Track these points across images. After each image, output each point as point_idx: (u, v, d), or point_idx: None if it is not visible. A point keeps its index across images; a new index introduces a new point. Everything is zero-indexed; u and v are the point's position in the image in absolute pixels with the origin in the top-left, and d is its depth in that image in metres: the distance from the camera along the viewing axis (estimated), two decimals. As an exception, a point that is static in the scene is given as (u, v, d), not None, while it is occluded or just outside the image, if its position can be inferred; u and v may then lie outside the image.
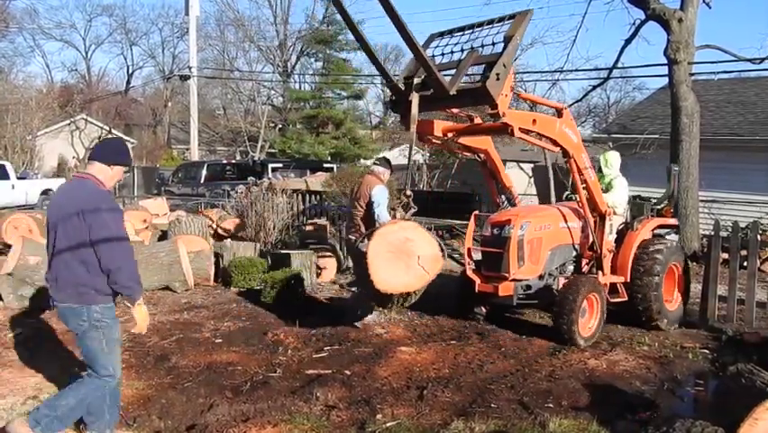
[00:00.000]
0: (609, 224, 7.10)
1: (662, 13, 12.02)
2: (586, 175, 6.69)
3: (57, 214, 3.83)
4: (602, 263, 6.98)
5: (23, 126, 27.31)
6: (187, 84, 28.10)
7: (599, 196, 6.95)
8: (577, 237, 7.04)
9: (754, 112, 16.31)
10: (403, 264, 5.18)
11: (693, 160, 11.91)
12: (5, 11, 32.83)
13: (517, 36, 5.32)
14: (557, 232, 6.88)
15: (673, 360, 6.13)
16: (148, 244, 9.28)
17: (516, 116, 5.84)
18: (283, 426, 4.49)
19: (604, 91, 40.90)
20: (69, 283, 3.80)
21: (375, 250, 5.13)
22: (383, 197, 6.83)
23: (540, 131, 6.17)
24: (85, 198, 3.78)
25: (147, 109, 47.76)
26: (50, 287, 3.89)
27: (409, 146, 5.85)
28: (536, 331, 6.99)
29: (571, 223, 6.99)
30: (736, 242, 7.38)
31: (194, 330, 6.79)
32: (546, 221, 6.84)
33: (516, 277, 6.53)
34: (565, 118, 6.40)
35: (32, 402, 4.69)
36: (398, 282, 5.19)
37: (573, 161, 6.52)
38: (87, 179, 3.89)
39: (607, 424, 4.52)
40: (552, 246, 6.81)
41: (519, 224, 6.56)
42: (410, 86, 5.53)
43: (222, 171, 22.25)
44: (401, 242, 5.20)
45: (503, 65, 5.23)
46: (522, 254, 6.52)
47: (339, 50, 31.61)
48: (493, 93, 5.23)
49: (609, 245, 7.16)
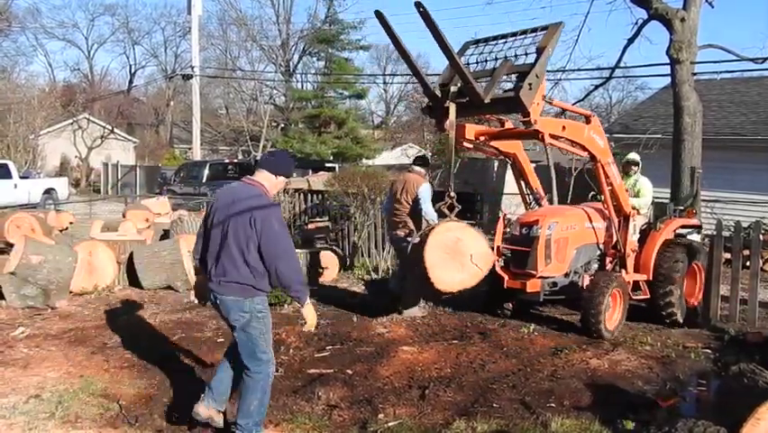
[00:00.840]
0: (633, 224, 7.37)
1: (665, 13, 11.99)
2: (612, 178, 6.98)
3: (226, 213, 4.08)
4: (626, 262, 7.27)
5: (26, 126, 27.34)
6: (190, 83, 28.11)
7: (624, 198, 7.23)
8: (601, 237, 7.29)
9: (756, 112, 16.28)
10: (458, 263, 5.62)
11: (696, 160, 11.88)
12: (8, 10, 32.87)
13: (549, 47, 5.56)
14: (583, 232, 7.15)
15: (676, 360, 6.12)
16: (150, 244, 9.29)
17: (546, 124, 6.13)
18: (285, 425, 4.50)
19: (606, 91, 40.95)
20: (234, 280, 4.04)
21: (431, 252, 5.53)
22: (428, 193, 7.25)
23: (569, 137, 6.48)
24: (257, 205, 4.04)
25: (149, 108, 47.78)
26: (213, 281, 4.11)
27: (450, 151, 6.04)
28: (538, 331, 7.00)
29: (596, 223, 7.25)
30: (738, 241, 7.37)
31: (196, 329, 6.79)
32: (572, 221, 7.09)
33: (542, 274, 6.77)
34: (593, 125, 6.72)
35: (34, 401, 4.70)
36: (456, 281, 5.66)
37: (600, 165, 6.83)
38: (256, 185, 4.17)
39: (609, 424, 4.52)
40: (577, 245, 7.07)
41: (547, 224, 6.81)
42: (446, 93, 5.82)
43: (224, 171, 22.25)
44: (453, 242, 5.62)
45: (536, 75, 5.50)
46: (549, 253, 6.77)
47: (341, 49, 31.58)
48: (526, 102, 5.51)
49: (633, 245, 7.42)
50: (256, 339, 4.12)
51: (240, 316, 4.08)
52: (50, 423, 4.40)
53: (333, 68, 31.04)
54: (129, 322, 7.02)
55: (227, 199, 4.16)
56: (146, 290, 8.44)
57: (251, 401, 4.11)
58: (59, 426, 4.37)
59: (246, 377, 4.14)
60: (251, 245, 3.98)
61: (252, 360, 4.12)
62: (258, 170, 4.24)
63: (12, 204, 18.79)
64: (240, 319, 4.09)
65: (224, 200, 4.18)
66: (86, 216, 16.26)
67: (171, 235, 9.74)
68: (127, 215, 10.76)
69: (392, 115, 50.01)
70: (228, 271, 4.04)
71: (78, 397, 4.83)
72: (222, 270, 4.06)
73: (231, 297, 4.07)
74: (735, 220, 8.13)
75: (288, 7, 34.57)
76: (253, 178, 4.21)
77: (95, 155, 34.61)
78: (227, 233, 4.03)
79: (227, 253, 4.03)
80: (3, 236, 8.78)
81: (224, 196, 4.24)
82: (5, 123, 26.33)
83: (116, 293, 8.28)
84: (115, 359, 5.77)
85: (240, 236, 3.99)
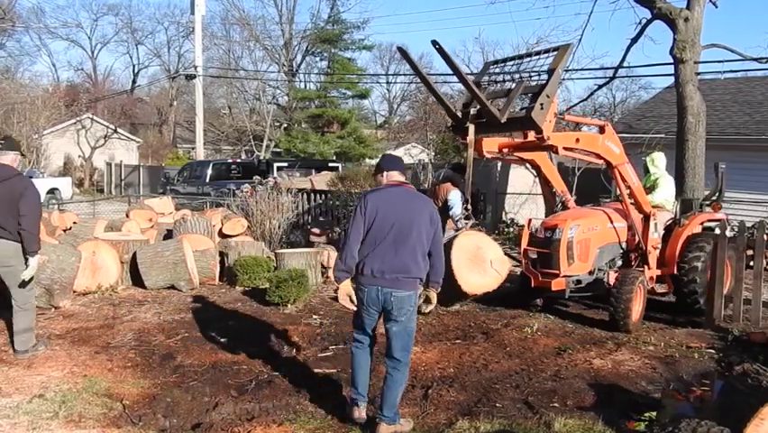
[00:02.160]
0: (654, 222, 7.74)
1: (669, 13, 11.96)
2: (629, 182, 7.40)
3: (401, 215, 4.33)
4: (647, 258, 7.68)
5: (30, 125, 27.40)
6: (193, 83, 28.11)
7: (643, 198, 7.63)
8: (623, 236, 7.70)
9: (760, 111, 16.23)
10: (481, 269, 6.20)
11: (699, 159, 11.85)
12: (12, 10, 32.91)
13: (559, 69, 6.08)
14: (604, 232, 7.55)
15: (679, 360, 6.11)
16: (153, 243, 9.30)
17: (559, 138, 6.62)
18: (288, 425, 4.50)
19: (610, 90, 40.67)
20: (414, 276, 4.35)
21: (457, 259, 6.01)
22: (458, 199, 7.84)
23: (584, 147, 7.05)
24: (430, 206, 4.53)
25: (152, 108, 47.84)
26: (386, 278, 4.30)
27: (468, 167, 6.45)
28: (541, 331, 7.00)
29: (617, 223, 7.65)
30: (742, 241, 7.36)
31: (199, 329, 6.80)
32: (594, 223, 7.49)
33: (566, 274, 7.18)
34: (607, 134, 7.12)
35: (37, 401, 4.71)
36: (479, 284, 6.23)
37: (617, 170, 7.24)
38: (411, 188, 4.60)
39: (612, 424, 4.51)
40: (600, 245, 7.47)
41: (569, 227, 7.20)
42: (467, 115, 6.40)
43: (227, 170, 22.27)
44: (474, 249, 6.18)
45: (546, 95, 5.99)
46: (572, 254, 7.18)
47: (344, 49, 31.63)
48: (537, 121, 6.00)
49: (655, 242, 7.82)
50: (411, 331, 4.47)
51: (409, 309, 4.35)
52: (54, 423, 4.41)
53: (335, 67, 31.08)
54: (132, 322, 7.03)
55: (398, 200, 4.39)
56: (149, 290, 8.45)
57: (398, 393, 4.40)
58: (63, 425, 4.38)
59: (395, 370, 4.39)
60: (427, 243, 4.36)
61: (405, 352, 4.42)
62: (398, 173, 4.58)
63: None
64: (408, 313, 4.36)
65: (393, 201, 4.39)
66: (90, 215, 16.27)
67: (174, 235, 9.75)
68: (130, 214, 10.76)
69: (395, 114, 49.99)
70: (409, 267, 4.30)
71: (82, 396, 4.84)
72: (401, 266, 4.29)
73: (407, 292, 4.32)
74: (738, 220, 8.11)
75: (291, 7, 34.60)
76: (398, 180, 4.53)
77: (98, 155, 34.69)
78: (410, 232, 4.30)
79: (408, 251, 4.30)
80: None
81: (392, 197, 4.43)
82: (9, 123, 26.38)
83: (120, 293, 8.29)
84: (119, 359, 5.78)
85: (422, 235, 4.33)
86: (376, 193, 4.49)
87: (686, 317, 7.61)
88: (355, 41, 31.71)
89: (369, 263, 4.32)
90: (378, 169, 4.67)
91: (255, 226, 11.15)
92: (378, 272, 4.29)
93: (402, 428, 4.42)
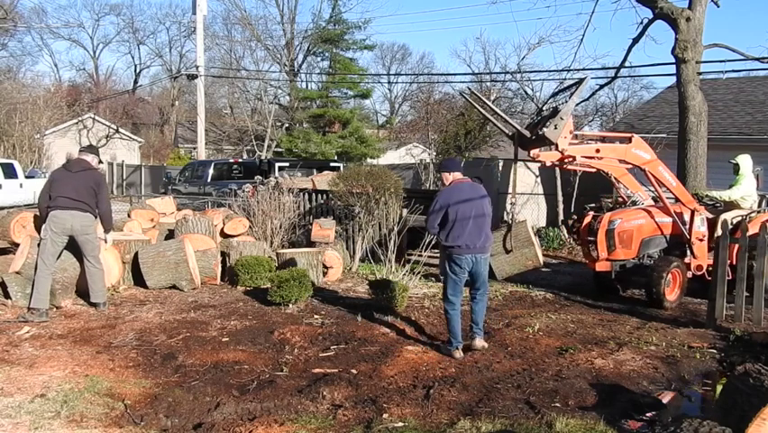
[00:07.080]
0: (700, 217, 8.72)
1: (670, 12, 11.97)
2: (666, 182, 8.54)
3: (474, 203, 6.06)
4: (692, 248, 8.69)
5: (31, 125, 27.45)
6: (195, 83, 28.12)
7: (685, 197, 8.75)
8: (667, 229, 8.74)
9: (762, 111, 16.22)
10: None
11: (701, 159, 11.86)
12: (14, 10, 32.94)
13: (574, 97, 7.90)
14: (649, 225, 8.66)
15: (681, 360, 6.11)
16: (155, 243, 9.30)
17: (577, 150, 8.03)
18: (290, 425, 4.50)
19: (611, 90, 40.79)
20: (488, 243, 6.20)
21: None
22: None
23: (607, 155, 8.27)
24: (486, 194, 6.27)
25: (154, 108, 47.94)
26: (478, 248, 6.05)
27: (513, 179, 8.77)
28: (543, 331, 6.99)
29: (660, 219, 8.71)
30: (744, 241, 7.35)
31: (201, 329, 6.81)
32: (636, 218, 8.60)
33: (610, 258, 8.51)
34: (635, 143, 8.35)
35: (39, 400, 4.71)
36: None
37: (650, 174, 8.40)
38: (471, 181, 6.31)
39: (614, 424, 4.51)
40: (644, 236, 8.62)
41: (608, 220, 8.52)
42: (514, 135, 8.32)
43: (229, 170, 22.23)
44: None
45: (560, 117, 7.63)
46: (613, 243, 8.44)
47: (345, 49, 31.58)
48: (551, 138, 7.66)
49: (700, 234, 8.74)
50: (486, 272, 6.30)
51: (486, 267, 6.28)
52: (56, 422, 4.41)
53: (337, 67, 31.05)
54: (134, 322, 7.03)
55: (470, 194, 6.12)
56: (151, 290, 8.45)
57: (484, 311, 6.41)
58: (65, 425, 4.38)
59: (483, 295, 6.31)
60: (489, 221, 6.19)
61: (485, 284, 6.31)
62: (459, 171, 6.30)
63: (17, 203, 18.85)
64: (486, 270, 6.25)
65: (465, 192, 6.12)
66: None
67: (176, 235, 9.75)
68: (132, 214, 10.75)
69: (396, 114, 50.01)
70: (490, 239, 6.25)
71: (84, 396, 4.84)
72: (485, 240, 6.12)
73: (486, 255, 6.21)
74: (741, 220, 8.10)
75: (293, 7, 34.54)
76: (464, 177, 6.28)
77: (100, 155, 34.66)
78: (483, 214, 6.07)
79: (484, 229, 6.10)
80: (8, 236, 8.79)
81: (464, 190, 6.15)
82: (11, 122, 26.44)
83: (121, 293, 8.30)
84: (120, 358, 5.79)
85: (486, 216, 6.12)
86: (449, 189, 6.14)
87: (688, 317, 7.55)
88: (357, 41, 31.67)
89: (463, 240, 5.97)
90: (444, 169, 6.37)
91: (257, 226, 11.14)
92: (472, 245, 5.99)
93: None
